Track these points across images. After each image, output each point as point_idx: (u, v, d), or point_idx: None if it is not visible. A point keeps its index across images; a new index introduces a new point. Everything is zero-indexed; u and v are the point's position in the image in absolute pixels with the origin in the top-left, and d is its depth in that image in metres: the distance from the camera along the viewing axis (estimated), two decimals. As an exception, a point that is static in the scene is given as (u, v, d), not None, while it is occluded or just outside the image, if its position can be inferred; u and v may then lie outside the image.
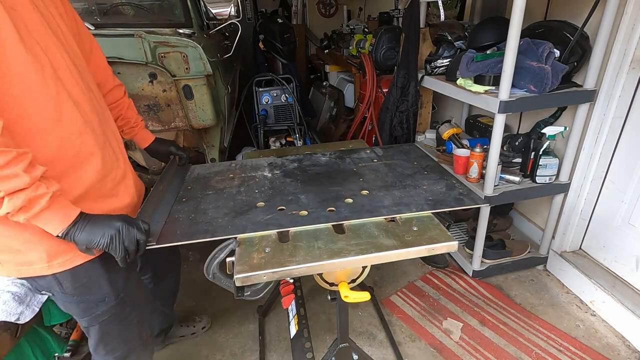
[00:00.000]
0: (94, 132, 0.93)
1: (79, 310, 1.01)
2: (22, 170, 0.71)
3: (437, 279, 2.07)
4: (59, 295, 0.97)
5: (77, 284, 0.95)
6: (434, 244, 0.90)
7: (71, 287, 0.95)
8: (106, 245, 0.84)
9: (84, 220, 0.83)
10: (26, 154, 0.73)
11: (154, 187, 1.15)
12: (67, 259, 0.91)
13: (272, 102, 2.81)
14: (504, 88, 1.53)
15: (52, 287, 0.95)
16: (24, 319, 1.24)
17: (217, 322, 1.86)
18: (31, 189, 0.73)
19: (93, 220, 0.84)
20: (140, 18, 2.12)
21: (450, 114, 2.74)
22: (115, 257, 0.87)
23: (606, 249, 1.86)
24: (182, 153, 1.36)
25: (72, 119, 0.87)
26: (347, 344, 1.22)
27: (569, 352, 1.61)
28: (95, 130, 0.94)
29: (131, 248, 0.87)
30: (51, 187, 0.77)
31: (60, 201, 0.80)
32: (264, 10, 5.39)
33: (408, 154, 1.45)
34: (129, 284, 1.08)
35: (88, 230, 0.83)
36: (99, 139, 0.94)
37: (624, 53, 1.56)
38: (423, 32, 2.21)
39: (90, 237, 0.83)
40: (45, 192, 0.75)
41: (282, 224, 0.99)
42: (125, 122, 1.24)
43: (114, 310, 1.04)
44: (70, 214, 0.82)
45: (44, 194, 0.75)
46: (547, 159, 1.76)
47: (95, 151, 0.92)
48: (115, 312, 1.04)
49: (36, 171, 0.74)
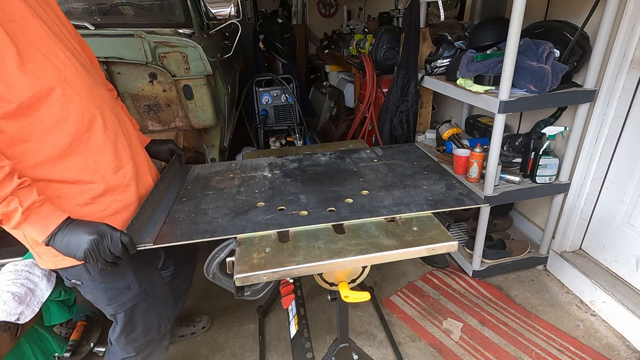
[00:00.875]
0: (105, 123, 0.95)
1: (106, 297, 1.05)
2: None
3: (437, 279, 2.07)
4: (87, 282, 1.02)
5: (104, 271, 0.99)
6: (434, 244, 0.90)
7: (99, 274, 1.00)
8: (82, 259, 0.85)
9: (63, 232, 0.84)
10: (16, 169, 0.75)
11: (153, 187, 1.14)
12: None
13: (272, 102, 2.81)
14: (504, 88, 1.53)
15: (81, 275, 1.01)
16: (24, 319, 1.24)
17: (217, 322, 1.86)
18: (2, 205, 0.75)
19: (70, 232, 0.84)
20: (140, 18, 2.12)
21: (450, 114, 2.74)
22: None
23: (606, 249, 1.86)
24: (181, 150, 1.37)
25: (80, 115, 0.89)
26: (347, 344, 1.23)
27: (569, 352, 1.61)
28: (106, 120, 0.96)
29: (109, 258, 0.87)
30: (26, 202, 0.78)
31: (39, 212, 0.81)
32: (264, 10, 5.40)
33: (408, 154, 1.45)
34: (151, 276, 1.13)
35: (65, 243, 0.84)
36: (109, 132, 0.97)
37: (624, 53, 1.55)
38: (423, 32, 2.21)
39: (67, 250, 0.84)
40: (15, 208, 0.76)
41: (282, 224, 0.99)
42: None
43: (139, 299, 1.08)
44: (49, 225, 0.82)
45: (15, 209, 0.77)
46: (547, 159, 1.76)
47: (107, 144, 0.95)
48: (139, 300, 1.09)
49: (8, 186, 0.75)
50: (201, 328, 1.80)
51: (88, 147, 0.92)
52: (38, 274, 1.33)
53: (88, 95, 0.92)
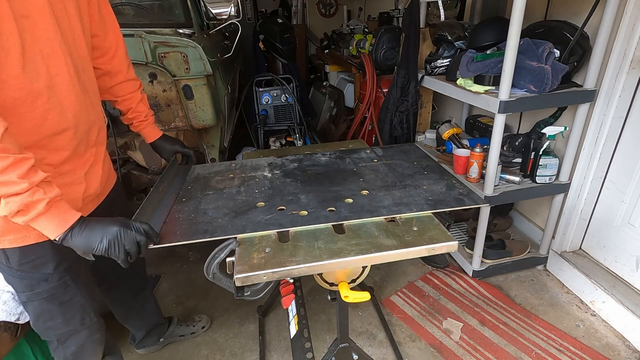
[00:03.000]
0: (75, 132, 0.95)
1: (21, 285, 1.03)
2: (18, 177, 0.72)
3: (437, 279, 2.07)
4: (4, 268, 1.00)
5: (23, 260, 0.97)
6: (434, 244, 0.90)
7: (17, 263, 0.98)
8: (105, 250, 0.84)
9: (82, 226, 0.83)
10: (25, 160, 0.74)
11: (153, 188, 1.15)
12: (19, 237, 0.93)
13: (272, 102, 2.81)
14: (504, 88, 1.53)
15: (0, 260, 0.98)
16: (24, 319, 1.24)
17: (217, 322, 1.86)
18: (27, 194, 0.74)
19: (91, 226, 0.84)
20: (140, 18, 2.12)
21: (450, 114, 2.74)
22: (116, 260, 0.87)
23: (606, 249, 1.86)
24: (189, 151, 1.37)
25: (54, 123, 0.89)
26: (347, 344, 1.22)
27: (569, 352, 1.61)
28: (79, 129, 0.96)
29: (132, 250, 0.87)
30: (49, 193, 0.78)
31: (59, 206, 0.81)
32: (264, 10, 5.40)
33: (408, 154, 1.45)
34: (78, 269, 1.09)
35: (85, 235, 0.83)
36: (78, 136, 0.96)
37: (624, 53, 1.55)
38: (423, 32, 2.21)
39: (88, 242, 0.84)
40: (41, 198, 0.76)
41: (282, 224, 0.99)
42: (136, 116, 1.27)
43: (55, 291, 1.05)
44: (68, 219, 0.82)
45: (40, 200, 0.76)
46: (547, 159, 1.76)
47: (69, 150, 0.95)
48: (56, 292, 1.05)
49: (35, 177, 0.75)
50: (201, 328, 1.80)
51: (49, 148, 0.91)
52: (38, 274, 1.33)
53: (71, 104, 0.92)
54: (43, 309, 1.07)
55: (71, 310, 1.11)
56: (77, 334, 1.16)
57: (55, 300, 1.06)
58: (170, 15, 2.16)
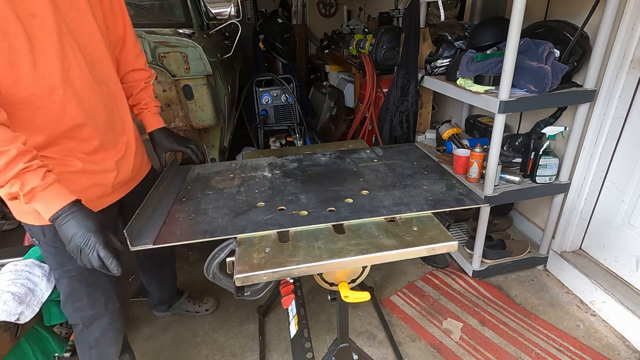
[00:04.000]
0: (95, 124, 1.01)
1: (54, 261, 1.10)
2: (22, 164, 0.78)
3: (437, 279, 2.07)
4: (42, 244, 1.08)
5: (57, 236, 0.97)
6: (434, 244, 0.90)
7: (52, 239, 1.03)
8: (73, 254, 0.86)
9: (64, 218, 0.84)
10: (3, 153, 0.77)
11: (153, 188, 1.14)
12: (39, 216, 0.94)
13: (272, 102, 2.81)
14: (504, 88, 1.53)
15: (38, 235, 1.05)
16: (24, 319, 1.24)
17: (217, 322, 1.86)
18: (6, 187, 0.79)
19: (70, 222, 0.84)
20: (140, 18, 2.12)
21: (450, 114, 2.74)
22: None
23: (606, 249, 1.86)
24: (187, 150, 1.35)
25: (75, 115, 0.95)
26: (347, 344, 1.22)
27: (569, 352, 1.61)
28: (97, 121, 1.02)
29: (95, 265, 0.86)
30: (27, 186, 0.81)
31: (43, 195, 0.83)
32: (264, 10, 5.40)
33: (408, 154, 1.45)
34: None
35: (64, 229, 0.84)
36: (100, 128, 1.03)
37: (624, 53, 1.55)
38: (423, 32, 2.21)
39: (63, 236, 0.85)
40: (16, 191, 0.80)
41: (282, 224, 0.99)
42: (135, 103, 1.30)
43: (83, 270, 1.07)
44: (51, 208, 0.84)
45: (17, 192, 0.79)
46: (547, 159, 1.76)
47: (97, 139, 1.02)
48: (84, 271, 1.09)
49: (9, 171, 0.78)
50: (205, 310, 1.87)
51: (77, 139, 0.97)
52: (38, 274, 1.33)
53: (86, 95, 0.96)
54: (72, 287, 1.12)
55: (96, 293, 1.16)
56: (101, 319, 1.20)
57: (83, 280, 1.12)
58: (170, 15, 2.17)
